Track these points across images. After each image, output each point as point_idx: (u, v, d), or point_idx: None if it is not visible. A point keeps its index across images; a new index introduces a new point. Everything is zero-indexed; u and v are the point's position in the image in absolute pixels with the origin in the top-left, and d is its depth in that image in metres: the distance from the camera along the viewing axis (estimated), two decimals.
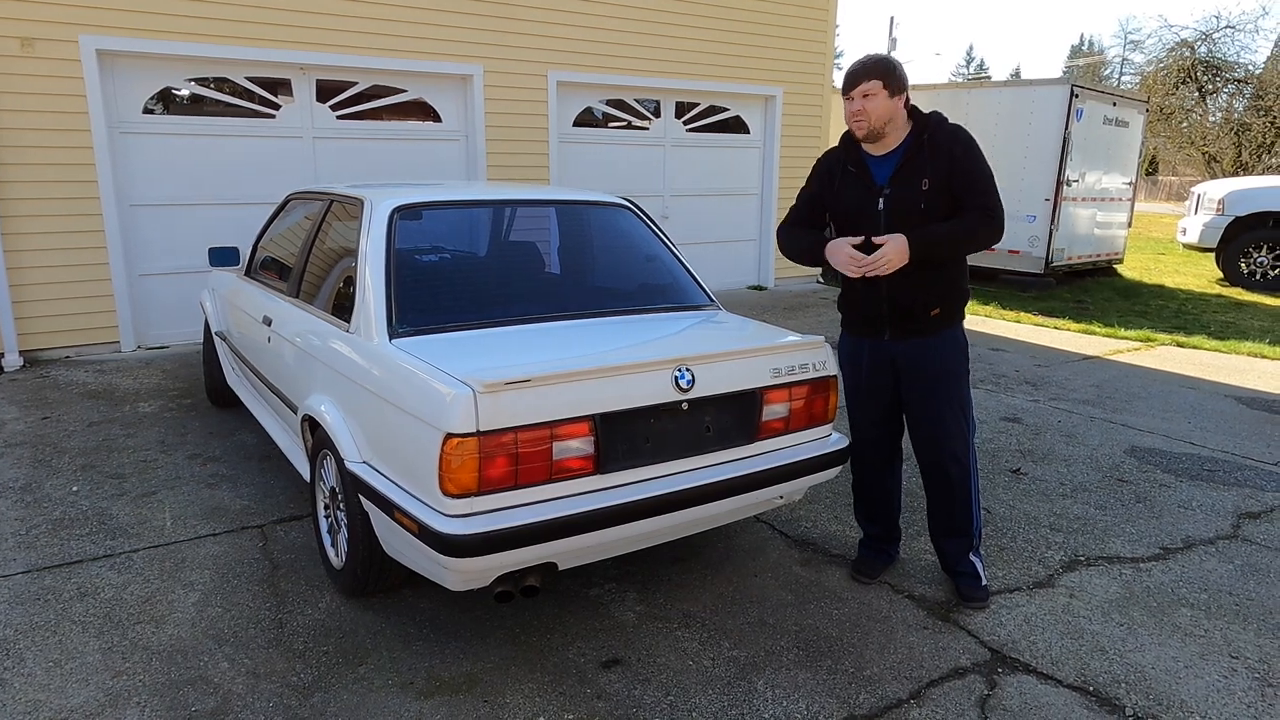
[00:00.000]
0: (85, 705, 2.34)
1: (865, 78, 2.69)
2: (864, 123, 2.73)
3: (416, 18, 7.06)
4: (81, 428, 4.63)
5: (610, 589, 3.02)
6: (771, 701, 2.41)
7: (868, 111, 2.70)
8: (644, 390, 2.48)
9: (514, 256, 3.56)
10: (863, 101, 2.70)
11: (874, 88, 2.69)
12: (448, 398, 2.25)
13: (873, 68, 2.70)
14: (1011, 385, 5.84)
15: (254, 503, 3.69)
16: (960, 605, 2.93)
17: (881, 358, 2.92)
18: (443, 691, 2.43)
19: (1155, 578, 3.15)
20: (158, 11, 6.04)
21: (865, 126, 2.73)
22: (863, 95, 2.70)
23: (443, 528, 2.22)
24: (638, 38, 8.27)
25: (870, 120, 2.72)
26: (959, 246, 2.74)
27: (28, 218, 5.88)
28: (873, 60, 2.73)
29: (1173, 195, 34.14)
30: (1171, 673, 2.57)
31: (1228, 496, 3.94)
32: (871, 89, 2.69)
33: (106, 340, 6.30)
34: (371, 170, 7.16)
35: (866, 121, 2.72)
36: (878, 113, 2.71)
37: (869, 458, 3.09)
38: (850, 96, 2.73)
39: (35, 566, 3.10)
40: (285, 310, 3.55)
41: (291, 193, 4.26)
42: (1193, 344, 7.35)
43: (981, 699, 2.43)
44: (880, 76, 2.68)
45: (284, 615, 2.81)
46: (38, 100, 5.79)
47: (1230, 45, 28.07)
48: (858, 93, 2.71)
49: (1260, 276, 10.91)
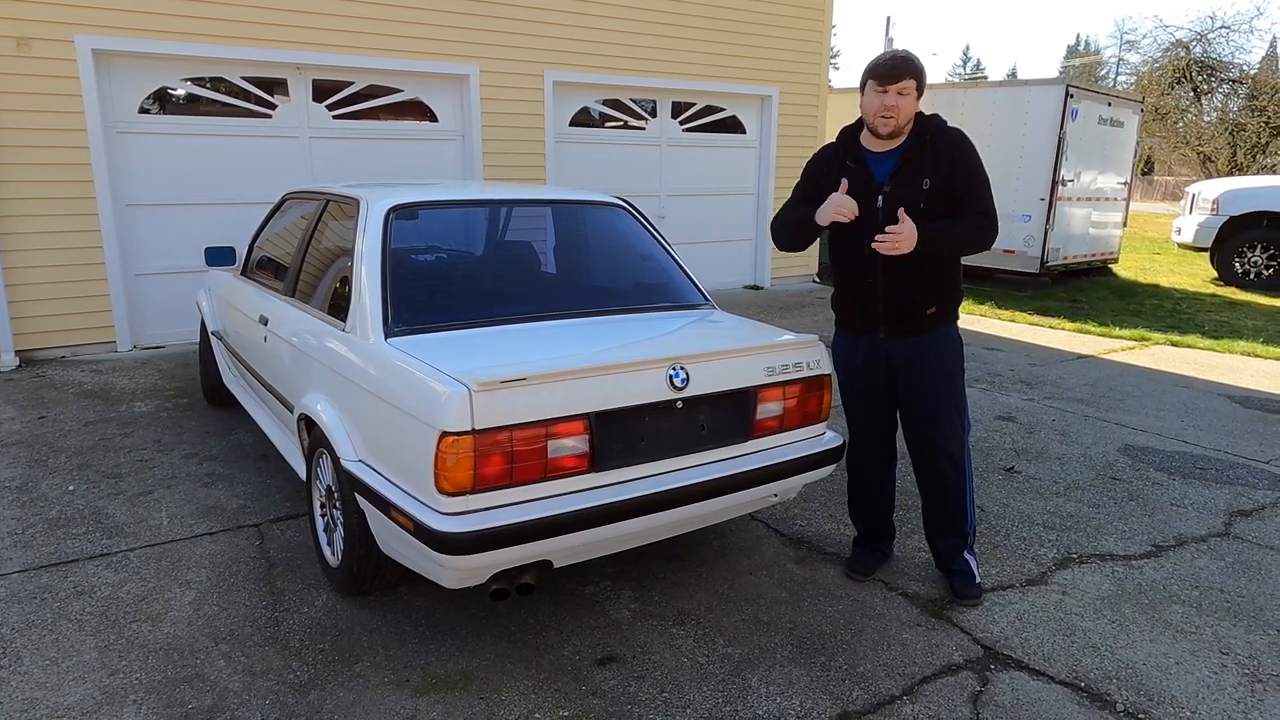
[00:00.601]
0: (82, 703, 2.35)
1: (906, 74, 2.67)
2: (893, 119, 2.70)
3: (412, 17, 7.06)
4: (78, 427, 4.63)
5: (605, 587, 3.03)
6: (765, 698, 2.42)
7: (900, 108, 2.69)
8: (639, 389, 2.49)
9: (510, 256, 3.57)
10: (898, 98, 2.68)
11: (909, 86, 2.69)
12: (443, 396, 2.26)
13: (912, 66, 2.69)
14: (1006, 384, 5.86)
15: (250, 501, 3.70)
16: (954, 602, 2.94)
17: (876, 356, 2.94)
18: (438, 689, 2.44)
19: (1147, 575, 3.17)
20: (154, 11, 6.04)
21: (893, 123, 2.71)
22: (898, 92, 2.68)
23: (438, 525, 2.23)
24: (634, 38, 8.28)
25: (900, 117, 2.71)
26: (957, 246, 2.78)
27: (24, 217, 5.87)
28: (911, 58, 2.71)
29: (1168, 195, 34.21)
30: (1162, 669, 2.59)
31: (1220, 495, 3.96)
32: (907, 87, 2.68)
33: (102, 340, 6.30)
34: (367, 170, 7.16)
35: (896, 118, 2.71)
36: (907, 111, 2.71)
37: (864, 456, 3.10)
38: (886, 90, 2.68)
39: (32, 565, 3.10)
40: (281, 310, 3.55)
41: (288, 192, 4.27)
42: (1187, 343, 7.38)
43: (974, 695, 2.45)
44: (915, 77, 2.69)
45: (280, 613, 2.82)
46: (33, 100, 5.79)
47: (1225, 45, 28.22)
48: (895, 89, 2.67)
49: (1254, 276, 10.95)
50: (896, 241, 2.65)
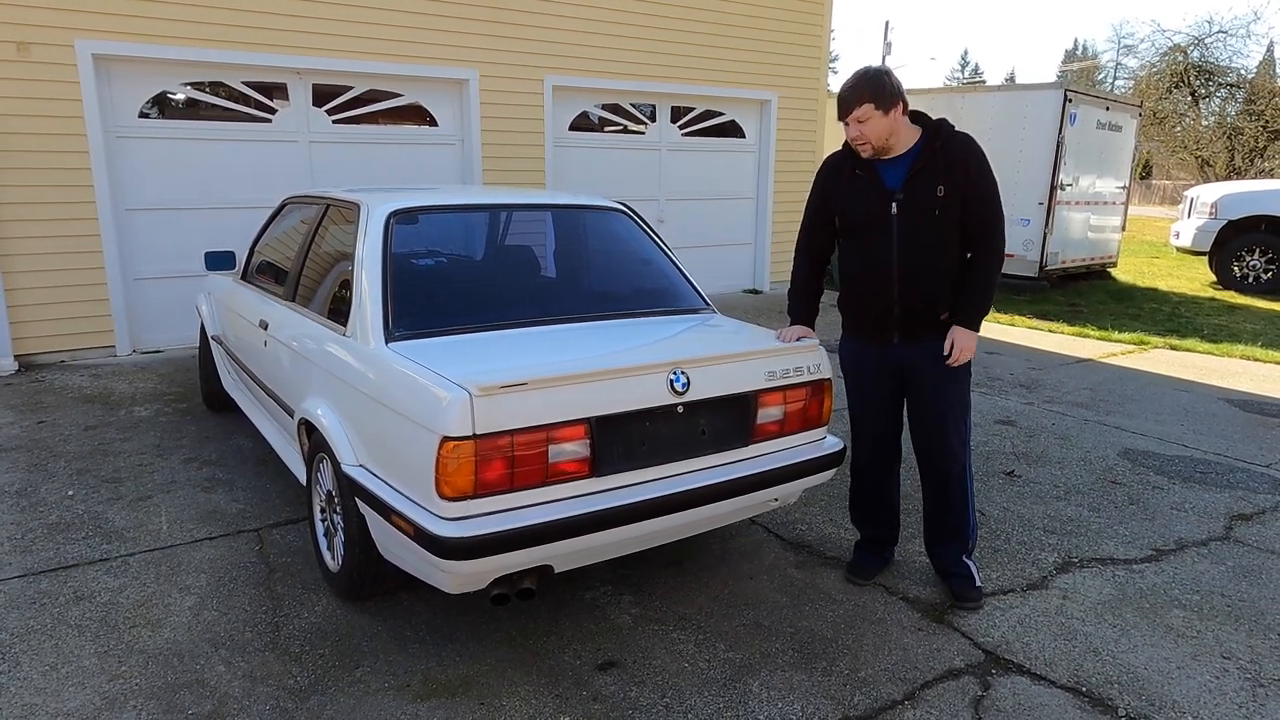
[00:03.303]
0: (81, 709, 2.34)
1: (856, 103, 2.70)
2: (867, 145, 2.76)
3: (412, 22, 7.07)
4: (77, 432, 4.62)
5: (606, 592, 3.02)
6: (766, 703, 2.42)
7: (866, 134, 2.73)
8: (639, 393, 2.49)
9: (510, 260, 3.57)
10: (859, 127, 2.73)
11: (866, 111, 2.70)
12: (444, 401, 2.26)
13: (860, 90, 2.70)
14: (1005, 388, 5.86)
15: (250, 506, 3.69)
16: (954, 607, 2.94)
17: (887, 360, 2.94)
18: (439, 694, 2.43)
19: (1148, 579, 3.17)
20: (154, 16, 6.05)
21: (869, 148, 2.77)
22: (857, 121, 2.72)
23: (439, 531, 2.23)
24: (633, 42, 8.30)
25: (872, 142, 2.75)
26: (993, 291, 2.85)
27: (23, 221, 5.87)
28: (858, 81, 2.72)
29: (1166, 199, 34.26)
30: (1164, 673, 2.58)
31: (1220, 498, 3.96)
32: (864, 114, 2.70)
33: (102, 344, 6.30)
34: (367, 174, 7.16)
35: (869, 144, 2.76)
36: (876, 133, 2.73)
37: (870, 460, 3.10)
38: (846, 123, 2.75)
39: (31, 570, 3.10)
40: (281, 314, 3.55)
41: (287, 197, 4.27)
42: (1186, 347, 7.39)
43: (975, 700, 2.44)
44: (870, 98, 2.69)
45: (280, 618, 2.81)
46: (33, 104, 5.79)
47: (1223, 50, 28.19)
48: (852, 119, 2.73)
49: (1253, 280, 10.97)
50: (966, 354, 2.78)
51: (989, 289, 2.80)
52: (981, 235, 2.77)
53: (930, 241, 2.76)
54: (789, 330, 2.99)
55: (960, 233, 2.78)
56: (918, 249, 2.77)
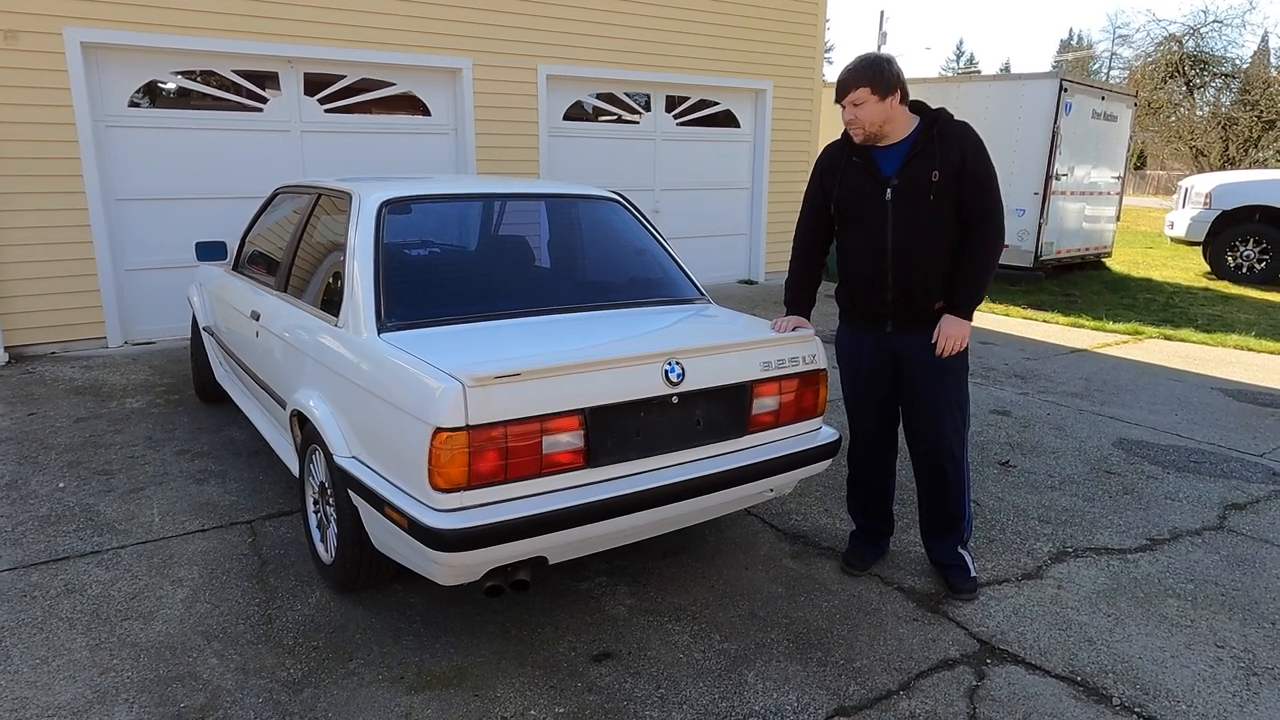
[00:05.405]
0: (73, 702, 2.32)
1: (853, 86, 2.71)
2: (859, 130, 2.77)
3: (405, 10, 7.02)
4: (68, 424, 4.59)
5: (601, 583, 3.02)
6: (762, 693, 2.42)
7: (860, 119, 2.74)
8: (634, 384, 2.48)
9: (504, 250, 3.55)
10: (854, 110, 2.73)
11: (862, 95, 2.70)
12: (437, 392, 2.24)
13: (859, 74, 2.71)
14: (1000, 378, 5.86)
15: (243, 498, 3.68)
16: (949, 597, 2.94)
17: (883, 350, 2.93)
18: (433, 686, 2.42)
19: (1142, 569, 3.18)
20: (144, 4, 5.99)
21: (861, 133, 2.77)
22: (853, 104, 2.73)
23: (432, 522, 2.22)
24: (628, 31, 8.25)
25: (865, 126, 2.75)
26: (989, 279, 2.83)
27: (12, 212, 5.82)
28: (859, 65, 2.73)
29: (1160, 189, 34.28)
30: (1158, 662, 2.59)
31: (1214, 488, 3.97)
32: (859, 97, 2.71)
33: (93, 335, 6.26)
34: (360, 164, 7.12)
35: (861, 128, 2.76)
36: (870, 118, 2.72)
37: (866, 450, 3.10)
38: (843, 105, 2.76)
39: (22, 563, 3.08)
40: (273, 305, 3.52)
41: (279, 186, 4.23)
42: (1180, 337, 7.40)
43: (970, 689, 2.44)
44: (868, 83, 2.69)
45: (273, 611, 2.80)
46: (21, 93, 5.73)
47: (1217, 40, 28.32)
48: (848, 102, 2.74)
49: (1247, 270, 10.98)
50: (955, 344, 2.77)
51: (983, 278, 2.79)
52: (979, 223, 2.75)
53: (925, 228, 2.75)
54: (784, 320, 2.98)
55: (957, 220, 2.77)
56: (912, 235, 2.76)
